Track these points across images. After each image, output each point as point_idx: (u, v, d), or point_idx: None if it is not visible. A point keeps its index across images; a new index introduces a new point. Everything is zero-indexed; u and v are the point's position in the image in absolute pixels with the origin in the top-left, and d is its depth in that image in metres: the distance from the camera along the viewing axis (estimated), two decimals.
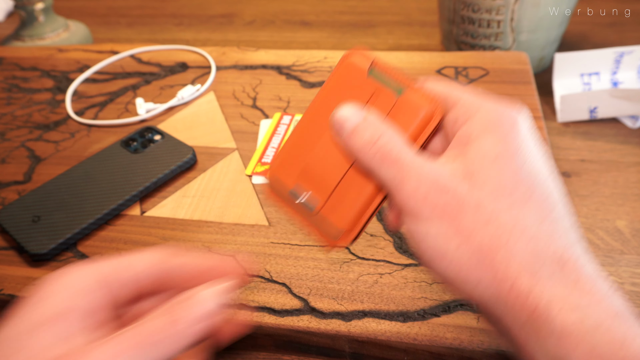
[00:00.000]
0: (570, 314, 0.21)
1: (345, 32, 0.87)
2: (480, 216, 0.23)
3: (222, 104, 0.59)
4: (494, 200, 0.23)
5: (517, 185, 0.24)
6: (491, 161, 0.24)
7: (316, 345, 0.37)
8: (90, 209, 0.45)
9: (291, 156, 0.29)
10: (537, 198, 0.24)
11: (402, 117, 0.27)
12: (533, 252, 0.23)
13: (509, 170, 0.24)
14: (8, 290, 0.40)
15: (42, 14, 0.78)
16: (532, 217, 0.23)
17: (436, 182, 0.24)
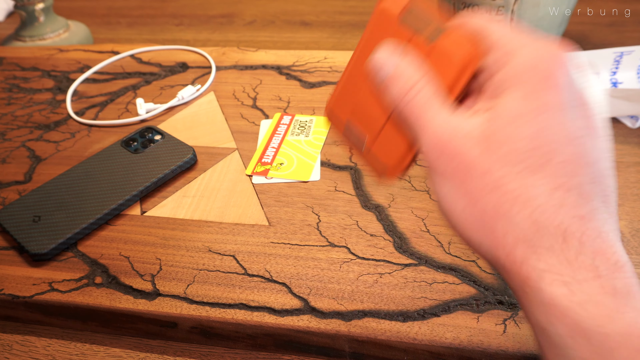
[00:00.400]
0: (561, 287, 0.21)
1: (345, 32, 0.87)
2: (487, 182, 0.23)
3: (222, 104, 0.59)
4: (504, 165, 0.23)
5: (534, 149, 0.22)
6: (511, 120, 0.23)
7: (316, 345, 0.37)
8: (91, 209, 0.45)
9: (345, 92, 0.30)
10: (555, 164, 0.22)
11: (436, 66, 0.26)
12: (535, 222, 0.22)
13: (528, 131, 0.23)
14: (8, 290, 0.40)
15: (42, 14, 0.78)
16: (543, 186, 0.22)
17: (449, 144, 0.24)
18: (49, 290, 0.40)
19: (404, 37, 0.27)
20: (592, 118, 0.23)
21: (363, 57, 0.29)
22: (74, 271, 0.41)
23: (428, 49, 0.26)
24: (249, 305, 0.38)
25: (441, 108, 0.25)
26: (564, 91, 0.23)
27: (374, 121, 0.29)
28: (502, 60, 0.24)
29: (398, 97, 0.26)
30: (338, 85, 0.31)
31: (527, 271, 0.22)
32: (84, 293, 0.40)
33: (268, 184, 0.48)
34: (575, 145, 0.23)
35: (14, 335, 0.42)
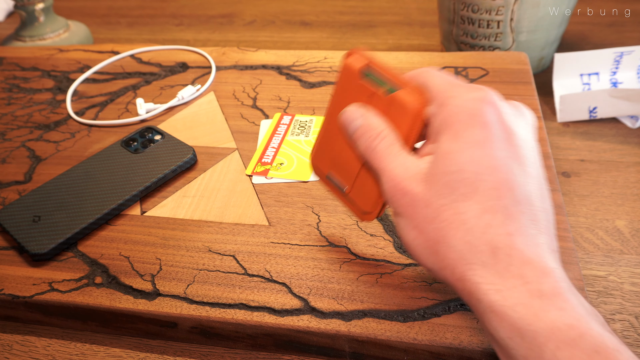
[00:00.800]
0: (495, 294, 0.24)
1: (345, 32, 0.87)
2: (428, 213, 0.27)
3: (222, 104, 0.59)
4: (440, 197, 0.27)
5: (463, 180, 0.26)
6: (444, 158, 0.27)
7: (316, 345, 0.37)
8: (91, 209, 0.45)
9: (323, 146, 0.35)
10: (482, 191, 0.26)
11: (394, 116, 0.30)
12: (467, 243, 0.26)
13: (457, 165, 0.26)
14: (8, 290, 0.40)
15: (42, 14, 0.78)
16: (472, 210, 0.26)
17: (401, 183, 0.28)
18: (49, 290, 0.40)
19: (368, 90, 0.31)
20: (519, 147, 0.27)
21: (335, 111, 0.33)
22: (74, 271, 0.41)
23: (386, 102, 0.30)
24: (249, 305, 0.38)
25: (399, 153, 0.29)
26: (490, 126, 0.27)
27: (349, 171, 0.33)
28: (438, 109, 0.28)
29: (366, 146, 0.30)
30: (317, 139, 0.36)
31: (468, 285, 0.26)
32: (84, 293, 0.40)
33: (268, 184, 0.48)
34: (500, 173, 0.26)
35: (14, 335, 0.42)
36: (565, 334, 0.23)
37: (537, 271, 0.24)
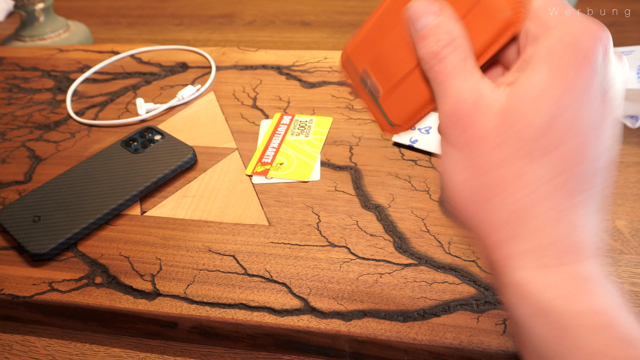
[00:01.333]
0: (527, 271, 0.23)
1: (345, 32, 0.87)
2: (495, 158, 0.23)
3: (222, 104, 0.59)
4: (513, 143, 0.22)
5: (545, 132, 0.22)
6: (532, 98, 0.22)
7: (316, 345, 0.37)
8: (91, 209, 0.45)
9: (367, 40, 0.29)
10: (559, 153, 0.22)
11: (476, 21, 0.24)
12: (516, 212, 0.23)
13: (546, 113, 0.22)
14: (8, 290, 0.40)
15: (42, 14, 0.78)
16: (542, 172, 0.22)
17: (467, 113, 0.23)
18: (49, 290, 0.40)
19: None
20: (610, 111, 0.23)
21: (397, 4, 0.27)
22: (74, 271, 0.41)
23: (472, 2, 0.24)
24: (249, 305, 0.38)
25: (470, 74, 0.24)
26: (596, 74, 0.22)
27: (392, 73, 0.28)
28: (538, 30, 0.23)
29: (432, 52, 0.24)
30: (360, 32, 0.29)
31: (500, 254, 0.23)
32: (83, 293, 0.40)
33: (268, 184, 0.48)
34: (586, 137, 0.22)
35: (14, 335, 0.42)
36: (592, 319, 0.21)
37: (577, 255, 0.22)
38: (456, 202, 0.25)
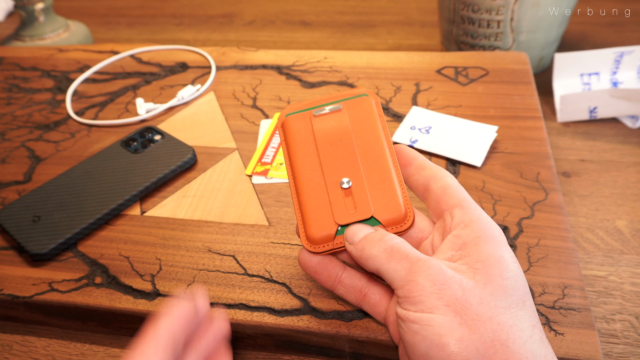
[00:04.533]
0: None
1: (345, 32, 0.87)
2: (484, 311, 0.25)
3: (222, 104, 0.59)
4: (493, 298, 0.25)
5: (514, 289, 0.26)
6: (493, 264, 0.26)
7: (316, 345, 0.37)
8: (90, 209, 0.45)
9: (314, 211, 0.32)
10: (529, 305, 0.26)
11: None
12: (531, 351, 0.24)
13: (508, 274, 0.26)
14: (8, 290, 0.40)
15: (42, 14, 0.78)
16: (527, 321, 0.25)
17: (445, 276, 0.26)
18: (48, 291, 0.40)
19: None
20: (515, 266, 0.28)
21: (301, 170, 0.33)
22: (73, 271, 0.41)
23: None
24: (249, 305, 0.38)
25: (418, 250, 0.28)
26: (511, 253, 0.28)
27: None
28: (462, 220, 0.28)
29: (378, 244, 0.28)
30: (301, 213, 0.33)
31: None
32: (83, 293, 0.40)
33: (268, 184, 0.48)
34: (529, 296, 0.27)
35: (14, 335, 0.42)
36: None
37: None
38: (458, 356, 0.24)
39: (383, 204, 0.31)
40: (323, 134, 0.34)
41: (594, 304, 0.41)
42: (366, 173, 0.32)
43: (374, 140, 0.33)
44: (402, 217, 0.31)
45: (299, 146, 0.34)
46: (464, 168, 0.47)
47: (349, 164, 0.32)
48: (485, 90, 0.56)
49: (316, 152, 0.33)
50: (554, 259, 0.38)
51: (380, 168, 0.32)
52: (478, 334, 0.24)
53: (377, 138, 0.33)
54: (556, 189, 0.44)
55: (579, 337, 0.33)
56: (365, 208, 0.31)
